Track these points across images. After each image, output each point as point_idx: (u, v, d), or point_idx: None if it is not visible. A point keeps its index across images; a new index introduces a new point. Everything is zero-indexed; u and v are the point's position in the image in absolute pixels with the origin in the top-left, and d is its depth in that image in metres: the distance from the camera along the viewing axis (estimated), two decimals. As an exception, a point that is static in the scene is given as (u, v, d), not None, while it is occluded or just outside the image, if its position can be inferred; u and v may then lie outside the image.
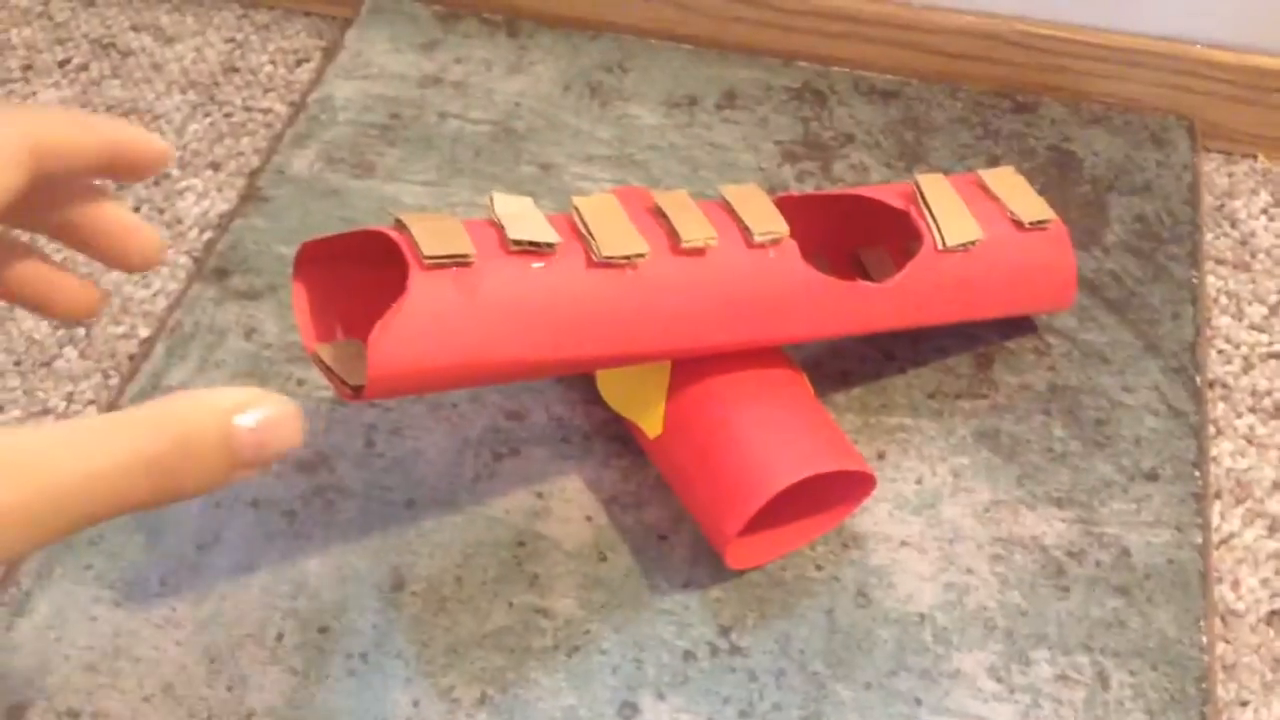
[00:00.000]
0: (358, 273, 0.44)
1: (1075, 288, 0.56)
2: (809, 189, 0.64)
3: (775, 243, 0.47)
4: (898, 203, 0.52)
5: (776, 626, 0.49)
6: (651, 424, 0.50)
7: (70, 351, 0.59)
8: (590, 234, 0.44)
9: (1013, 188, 0.54)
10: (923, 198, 0.51)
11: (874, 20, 0.69)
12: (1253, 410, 0.58)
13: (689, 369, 0.49)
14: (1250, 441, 0.57)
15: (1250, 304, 0.62)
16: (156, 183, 0.66)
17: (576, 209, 0.45)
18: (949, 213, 0.51)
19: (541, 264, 0.43)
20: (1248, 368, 0.60)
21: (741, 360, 0.49)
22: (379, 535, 0.51)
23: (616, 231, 0.45)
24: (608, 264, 0.44)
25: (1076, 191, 0.65)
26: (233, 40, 0.74)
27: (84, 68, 0.72)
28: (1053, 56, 0.69)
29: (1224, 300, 0.62)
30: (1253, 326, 0.61)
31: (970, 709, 0.47)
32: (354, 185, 0.63)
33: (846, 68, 0.71)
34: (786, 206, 0.50)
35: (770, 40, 0.71)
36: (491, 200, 0.44)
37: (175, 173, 0.67)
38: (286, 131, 0.66)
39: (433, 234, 0.41)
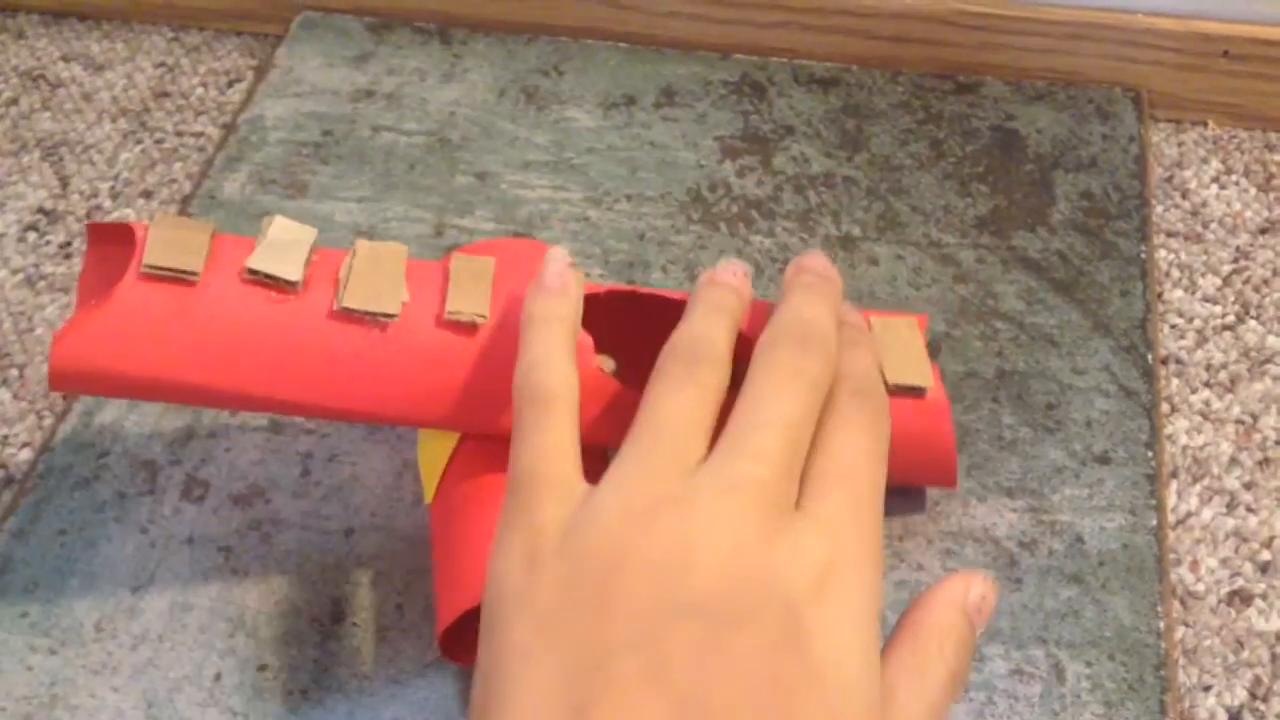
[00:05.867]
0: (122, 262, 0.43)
1: (954, 469, 0.48)
2: (750, 184, 0.63)
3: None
4: (747, 327, 0.47)
5: (725, 637, 0.48)
6: (428, 489, 0.47)
7: (3, 393, 0.58)
8: (345, 282, 0.43)
9: (900, 342, 0.47)
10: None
11: (810, 8, 0.68)
12: (1207, 385, 0.57)
13: (472, 448, 0.46)
14: (1206, 417, 0.56)
15: (1203, 275, 0.61)
16: (89, 215, 0.65)
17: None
18: None
19: (278, 299, 0.42)
20: (1201, 341, 0.59)
21: None
22: (318, 566, 0.50)
23: (377, 286, 0.43)
24: (348, 316, 0.43)
25: (1021, 170, 0.64)
26: (163, 64, 0.73)
27: (13, 101, 0.71)
28: (992, 34, 0.68)
29: (1176, 273, 0.61)
30: (1206, 299, 0.60)
31: (924, 710, 0.46)
32: (287, 206, 0.62)
33: (785, 58, 0.69)
34: (633, 302, 0.47)
35: (706, 34, 0.70)
36: (265, 225, 0.44)
37: (108, 203, 0.66)
38: (217, 155, 0.65)
39: (167, 243, 0.41)
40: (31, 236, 0.64)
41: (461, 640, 0.44)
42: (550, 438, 0.35)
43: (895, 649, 0.33)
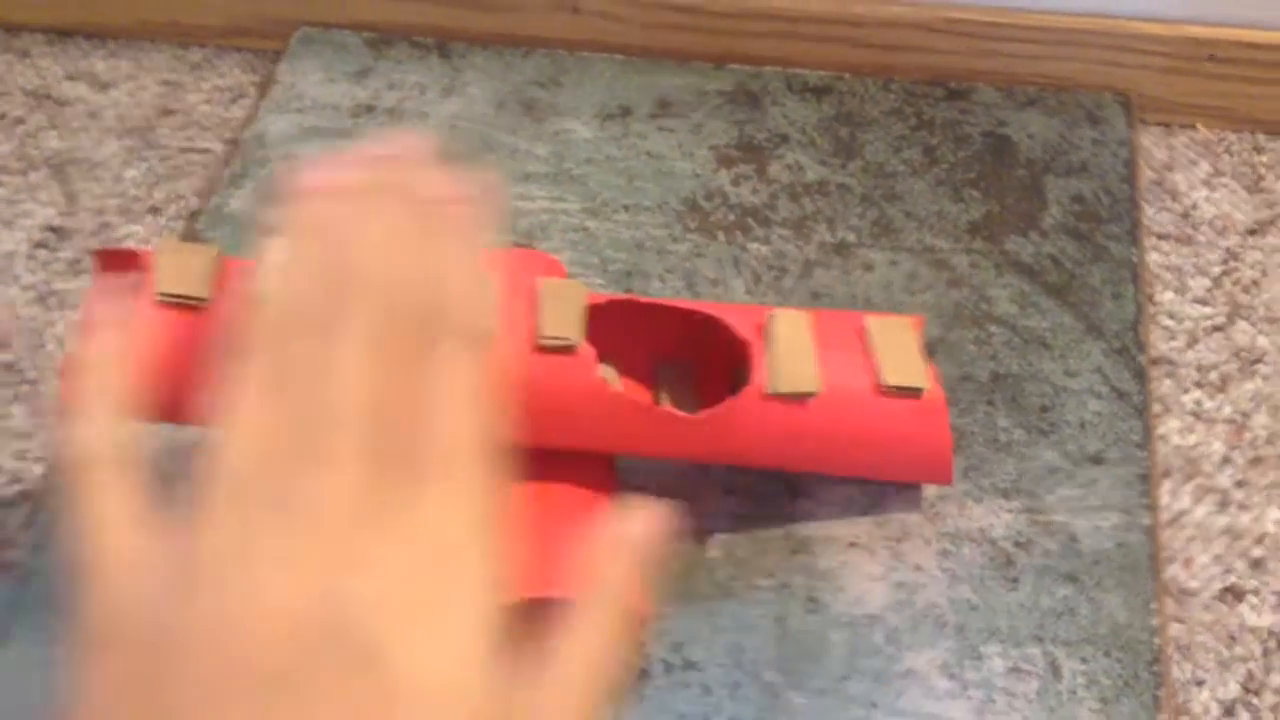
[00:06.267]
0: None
1: (950, 466, 0.49)
2: (745, 192, 0.64)
3: (567, 350, 0.45)
4: (744, 331, 0.48)
5: (728, 639, 0.49)
6: None
7: (17, 409, 0.59)
8: None
9: (897, 344, 0.49)
10: (768, 333, 0.48)
11: (803, 17, 0.69)
12: (1199, 385, 0.58)
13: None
14: (1197, 417, 0.57)
15: (1193, 277, 0.62)
16: (97, 232, 0.66)
17: None
18: (791, 356, 0.47)
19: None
20: (1192, 342, 0.60)
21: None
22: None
23: None
24: None
25: (1013, 175, 0.65)
26: (167, 82, 0.74)
27: (20, 121, 0.72)
28: (983, 41, 0.69)
29: (1167, 275, 0.62)
30: (1196, 300, 0.61)
31: (924, 709, 0.47)
32: (291, 221, 0.63)
33: (778, 67, 0.70)
34: (632, 311, 0.48)
35: (701, 45, 0.71)
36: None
37: (116, 220, 0.67)
38: (223, 171, 0.66)
39: (176, 269, 0.43)
40: (41, 254, 0.65)
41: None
42: (96, 510, 0.31)
43: (562, 614, 0.31)
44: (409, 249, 0.32)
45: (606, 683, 0.30)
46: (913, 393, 0.48)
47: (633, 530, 0.33)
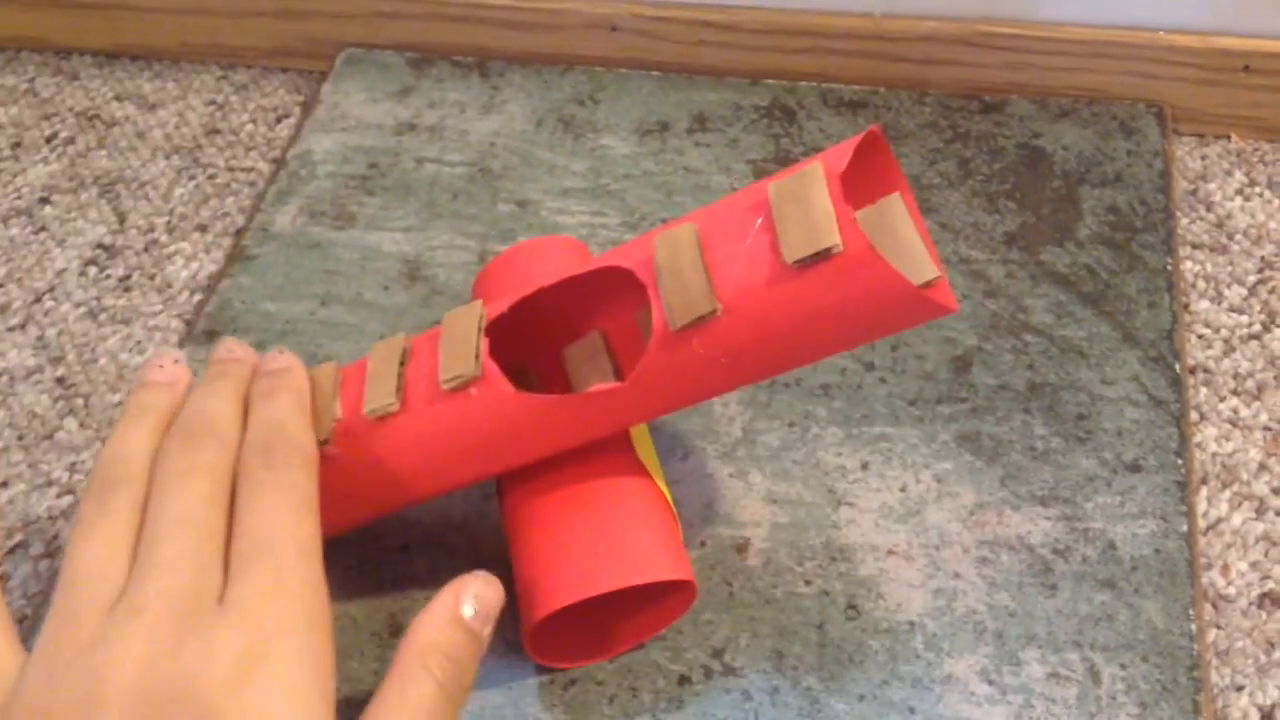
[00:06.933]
0: None
1: (928, 299, 0.39)
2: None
3: (469, 383, 0.44)
4: (640, 271, 0.42)
5: (768, 644, 0.49)
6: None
7: (70, 422, 0.60)
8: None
9: (799, 201, 0.39)
10: (655, 263, 0.41)
11: (838, 33, 0.70)
12: (1235, 393, 0.58)
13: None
14: (1234, 425, 0.57)
15: (1229, 286, 0.63)
16: (146, 249, 0.67)
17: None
18: (681, 280, 0.41)
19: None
20: (1228, 350, 0.60)
21: (575, 457, 0.47)
22: (375, 582, 0.52)
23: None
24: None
25: (1048, 187, 0.65)
26: (213, 102, 0.76)
27: (70, 141, 0.74)
28: (1017, 54, 0.69)
29: (1202, 284, 0.63)
30: (1232, 309, 0.62)
31: (964, 714, 0.47)
32: (336, 237, 0.65)
33: (814, 82, 0.71)
34: (531, 305, 0.46)
35: (737, 61, 0.72)
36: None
37: (164, 238, 0.68)
38: (269, 189, 0.68)
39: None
40: (92, 271, 0.67)
41: (546, 639, 0.47)
42: None
43: (381, 685, 0.35)
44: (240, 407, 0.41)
45: None
46: (826, 255, 0.38)
47: (465, 604, 0.37)
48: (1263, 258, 0.64)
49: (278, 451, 0.38)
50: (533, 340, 0.49)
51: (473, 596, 0.37)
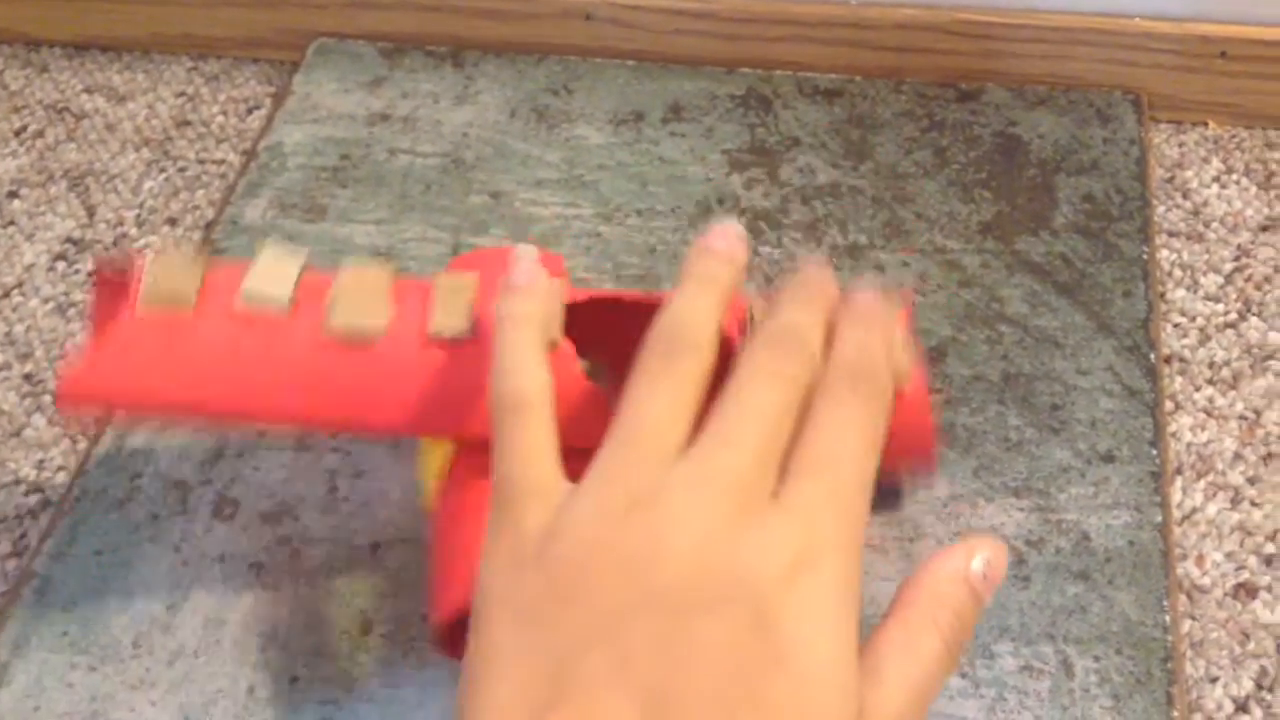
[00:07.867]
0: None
1: (933, 458, 0.48)
2: (757, 196, 0.64)
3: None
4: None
5: (741, 640, 0.49)
6: (426, 496, 0.48)
7: (38, 419, 0.59)
8: (332, 302, 0.45)
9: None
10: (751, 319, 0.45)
11: (814, 21, 0.70)
12: (1211, 382, 0.58)
13: (466, 455, 0.47)
14: (1210, 414, 0.57)
15: (1205, 274, 0.62)
16: (115, 243, 0.67)
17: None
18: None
19: (268, 322, 0.45)
20: (1204, 339, 0.60)
21: None
22: (346, 580, 0.51)
23: (363, 305, 0.45)
24: (335, 336, 0.45)
25: (1024, 175, 0.65)
26: (184, 94, 0.75)
27: (40, 134, 0.73)
28: (994, 42, 0.69)
29: (1178, 273, 0.63)
30: (1208, 297, 0.61)
31: (936, 707, 0.47)
32: (307, 230, 0.64)
33: (790, 70, 0.71)
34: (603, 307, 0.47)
35: (712, 49, 0.71)
36: (258, 250, 0.47)
37: (134, 231, 0.67)
38: (239, 181, 0.67)
39: (162, 278, 0.45)
40: (61, 266, 0.66)
41: (456, 638, 0.46)
42: (528, 443, 0.36)
43: (887, 624, 0.33)
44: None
45: (928, 705, 0.33)
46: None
47: (977, 565, 0.35)
48: (1239, 245, 0.63)
49: (865, 382, 0.36)
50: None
51: (985, 557, 0.35)
